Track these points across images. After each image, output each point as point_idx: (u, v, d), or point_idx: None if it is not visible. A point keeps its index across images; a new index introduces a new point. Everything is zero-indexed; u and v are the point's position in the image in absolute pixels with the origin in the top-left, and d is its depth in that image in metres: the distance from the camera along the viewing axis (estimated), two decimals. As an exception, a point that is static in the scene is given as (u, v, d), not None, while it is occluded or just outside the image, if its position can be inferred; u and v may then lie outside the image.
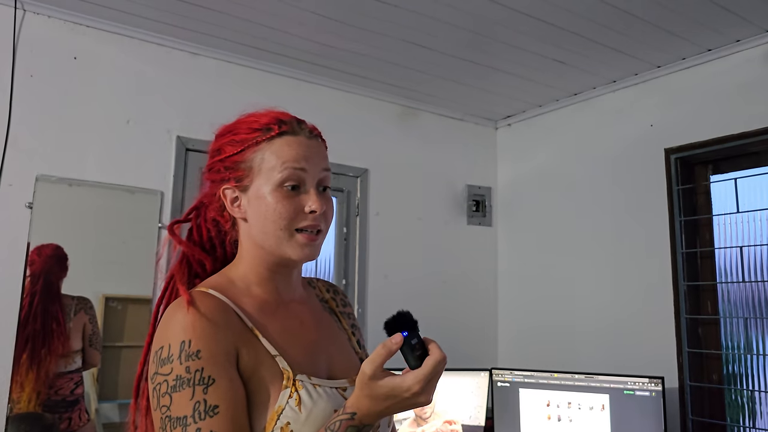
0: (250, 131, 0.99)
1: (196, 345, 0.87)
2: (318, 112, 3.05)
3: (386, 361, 0.85)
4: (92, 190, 2.29)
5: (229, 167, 0.99)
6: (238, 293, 0.98)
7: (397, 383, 0.84)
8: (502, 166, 3.43)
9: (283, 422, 0.88)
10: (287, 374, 0.92)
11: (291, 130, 0.99)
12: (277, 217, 0.96)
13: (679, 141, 2.58)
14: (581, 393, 2.44)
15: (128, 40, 2.42)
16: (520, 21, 2.30)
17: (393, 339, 0.85)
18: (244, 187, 0.98)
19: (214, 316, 0.91)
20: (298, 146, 0.98)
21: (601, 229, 2.86)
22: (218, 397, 0.85)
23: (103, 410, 2.25)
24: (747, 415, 2.42)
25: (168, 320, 0.91)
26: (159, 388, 0.86)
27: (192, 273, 1.04)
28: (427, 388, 0.85)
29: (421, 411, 2.52)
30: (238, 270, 1.01)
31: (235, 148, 0.99)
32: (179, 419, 0.84)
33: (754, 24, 2.29)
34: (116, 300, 2.30)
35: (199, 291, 0.95)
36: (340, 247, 2.92)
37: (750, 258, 2.43)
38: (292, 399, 0.90)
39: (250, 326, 0.94)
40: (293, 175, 0.97)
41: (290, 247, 0.97)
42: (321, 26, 2.36)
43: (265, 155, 0.97)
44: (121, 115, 2.39)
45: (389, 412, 0.87)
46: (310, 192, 0.98)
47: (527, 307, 3.16)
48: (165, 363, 0.87)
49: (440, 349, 0.86)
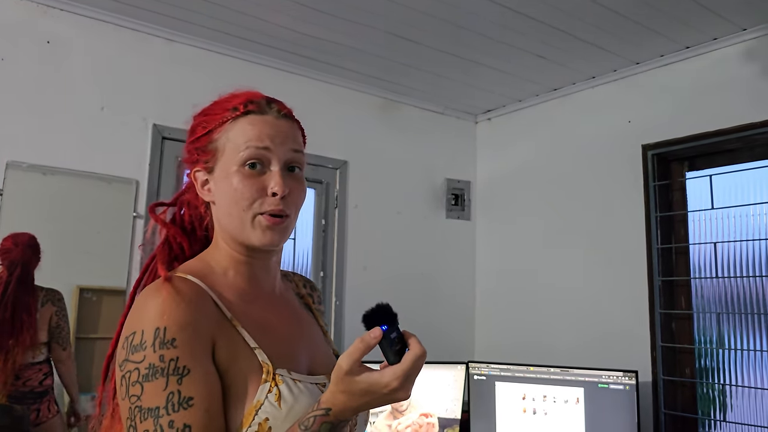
0: (219, 111, 0.96)
1: (171, 332, 0.82)
2: (298, 102, 3.01)
3: (364, 356, 0.82)
4: (65, 178, 2.24)
5: (198, 149, 0.97)
6: (217, 280, 0.94)
7: (375, 379, 0.81)
8: (482, 160, 3.44)
9: (262, 418, 0.85)
10: (267, 368, 0.88)
11: (258, 110, 0.95)
12: (239, 198, 0.92)
13: (656, 137, 2.61)
14: (556, 386, 2.46)
15: (103, 25, 2.37)
16: (502, 15, 2.29)
17: (371, 333, 0.82)
18: (211, 168, 0.96)
19: (192, 303, 0.86)
20: (263, 125, 0.94)
21: (578, 223, 2.88)
22: (193, 388, 0.81)
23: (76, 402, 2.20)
24: (718, 408, 2.46)
25: (142, 305, 0.86)
26: (129, 376, 0.82)
27: (172, 255, 1.00)
28: (406, 384, 0.82)
29: (398, 404, 2.52)
30: (214, 255, 0.98)
31: (204, 129, 0.97)
32: (151, 410, 0.80)
33: (732, 22, 2.31)
34: (91, 291, 2.26)
35: (177, 276, 0.91)
36: (318, 239, 2.90)
37: (723, 254, 2.47)
38: (271, 394, 0.86)
39: (228, 316, 0.90)
40: (255, 154, 0.92)
41: (253, 230, 0.93)
42: (302, 15, 2.33)
43: (230, 135, 0.94)
44: (96, 102, 2.34)
45: (366, 408, 0.84)
46: (273, 172, 0.93)
47: (504, 301, 3.18)
48: (137, 350, 0.82)
49: (420, 344, 0.83)
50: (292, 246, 2.82)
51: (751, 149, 2.42)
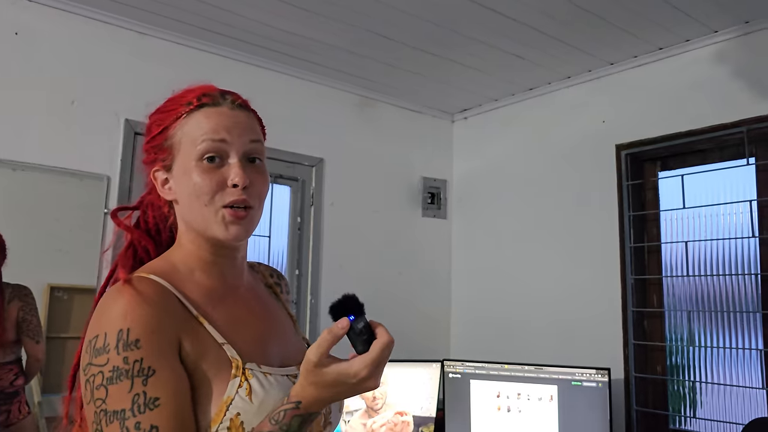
0: (173, 107, 0.95)
1: (135, 334, 0.81)
2: (274, 99, 3.01)
3: (332, 347, 0.82)
4: (35, 174, 2.19)
5: (155, 147, 0.95)
6: (182, 279, 0.93)
7: (344, 369, 0.81)
8: (458, 159, 3.45)
9: (233, 413, 0.84)
10: (236, 363, 0.87)
11: (212, 102, 0.94)
12: (200, 192, 0.90)
13: (630, 137, 2.64)
14: (531, 384, 2.48)
15: (73, 17, 2.32)
16: (479, 14, 2.30)
17: (339, 324, 0.82)
18: (169, 166, 0.94)
19: (155, 303, 0.85)
20: (218, 117, 0.93)
21: (552, 222, 2.91)
22: (159, 389, 0.80)
23: (47, 403, 2.17)
24: (688, 405, 2.50)
25: (104, 307, 0.85)
26: (93, 380, 0.81)
27: (137, 260, 0.98)
28: (375, 373, 0.82)
29: (373, 402, 2.52)
30: (178, 254, 0.96)
31: (159, 127, 0.95)
32: (116, 413, 0.79)
33: (704, 24, 2.35)
34: (62, 290, 2.22)
35: (139, 276, 0.89)
36: (294, 237, 2.88)
37: (694, 253, 2.50)
38: (242, 389, 0.85)
39: (195, 314, 0.89)
40: (212, 147, 0.91)
41: (217, 225, 0.91)
42: (277, 11, 2.31)
43: (185, 130, 0.92)
44: (66, 96, 2.29)
45: (336, 399, 0.84)
46: (232, 164, 0.91)
47: (480, 300, 3.19)
48: (100, 353, 0.81)
49: (388, 333, 0.83)
50: (267, 244, 2.80)
51: (722, 150, 2.46)
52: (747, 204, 2.34)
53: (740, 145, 2.36)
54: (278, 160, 2.73)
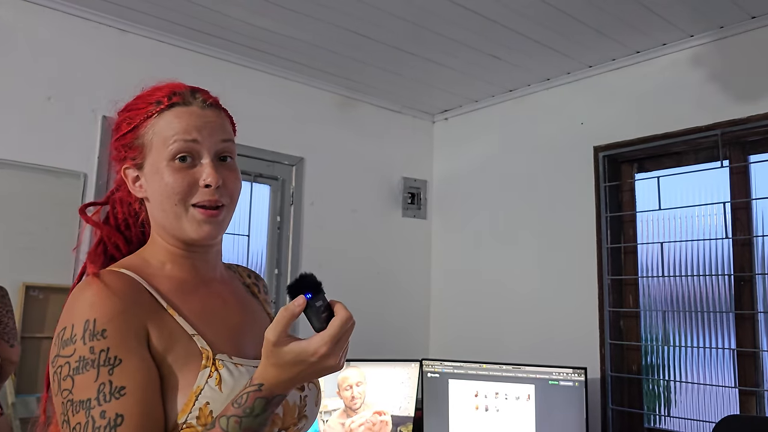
0: (142, 106, 0.95)
1: (101, 324, 0.81)
2: (254, 98, 3.00)
3: (289, 326, 0.82)
4: (10, 171, 2.15)
5: (126, 145, 0.96)
6: (153, 273, 0.93)
7: (303, 347, 0.81)
8: (438, 159, 3.46)
9: (202, 402, 0.84)
10: (206, 353, 0.88)
11: (182, 101, 0.94)
12: (171, 192, 0.91)
13: (607, 139, 2.67)
14: (508, 383, 2.49)
15: (51, 12, 2.28)
16: (459, 15, 2.31)
17: (295, 302, 0.81)
18: (140, 164, 0.95)
19: (123, 294, 0.86)
20: (189, 117, 0.93)
21: (530, 223, 2.93)
22: (125, 378, 0.80)
23: (22, 404, 2.14)
24: (663, 403, 2.54)
25: (73, 300, 0.85)
26: (60, 371, 0.81)
27: (108, 256, 0.99)
28: (335, 350, 0.81)
29: (351, 402, 2.52)
30: (151, 250, 0.97)
31: (128, 126, 0.95)
32: (82, 402, 0.79)
33: (680, 29, 2.38)
34: (37, 289, 2.19)
35: (110, 270, 0.90)
36: (273, 236, 2.87)
37: (669, 254, 2.54)
38: (211, 379, 0.86)
39: (164, 306, 0.90)
40: (184, 147, 0.91)
41: (188, 224, 0.92)
42: (259, 9, 2.30)
43: (155, 129, 0.93)
44: (42, 92, 2.26)
45: (300, 380, 0.84)
46: (204, 164, 0.92)
47: (458, 300, 3.20)
48: (67, 344, 0.81)
49: (346, 309, 0.83)
50: (247, 243, 2.79)
51: (697, 152, 2.50)
52: (721, 206, 2.38)
53: (714, 148, 2.40)
54: (258, 158, 2.72)
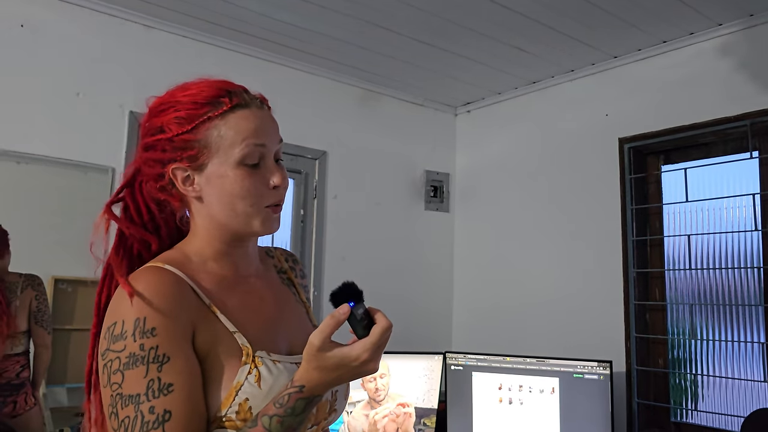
0: (197, 106, 0.94)
1: (151, 322, 0.85)
2: (277, 92, 2.99)
3: (334, 332, 0.86)
4: (39, 166, 2.20)
5: (179, 147, 0.94)
6: (195, 269, 0.96)
7: (346, 353, 0.85)
8: (461, 152, 3.45)
9: (242, 398, 0.87)
10: (246, 350, 0.91)
11: (243, 102, 0.95)
12: (246, 195, 0.94)
13: (633, 131, 2.63)
14: (532, 376, 2.49)
15: (79, 10, 2.32)
16: (483, 6, 2.29)
17: (340, 309, 0.86)
18: (200, 165, 0.94)
19: (171, 292, 0.88)
20: (254, 119, 0.95)
21: (555, 216, 2.91)
22: (173, 375, 0.84)
23: (52, 394, 2.18)
24: (690, 398, 2.51)
25: (122, 295, 0.88)
26: (110, 365, 0.84)
27: (133, 257, 0.99)
28: (375, 356, 0.86)
29: (375, 393, 2.53)
30: (193, 245, 0.99)
31: (183, 127, 0.94)
32: (131, 397, 0.82)
33: (707, 17, 2.34)
34: (66, 282, 2.23)
35: (155, 266, 0.92)
36: (297, 229, 2.89)
37: (696, 246, 2.51)
38: (251, 375, 0.89)
39: (207, 302, 0.93)
40: (255, 152, 0.95)
41: (259, 222, 0.96)
42: (281, 3, 2.31)
43: (221, 132, 0.93)
44: (71, 88, 2.30)
45: (339, 382, 0.88)
46: (270, 167, 0.97)
47: (482, 292, 3.20)
48: (118, 339, 0.85)
49: (386, 318, 0.88)
50: (271, 236, 2.80)
51: (725, 143, 2.45)
52: (750, 197, 2.34)
53: (744, 139, 2.36)
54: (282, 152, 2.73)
